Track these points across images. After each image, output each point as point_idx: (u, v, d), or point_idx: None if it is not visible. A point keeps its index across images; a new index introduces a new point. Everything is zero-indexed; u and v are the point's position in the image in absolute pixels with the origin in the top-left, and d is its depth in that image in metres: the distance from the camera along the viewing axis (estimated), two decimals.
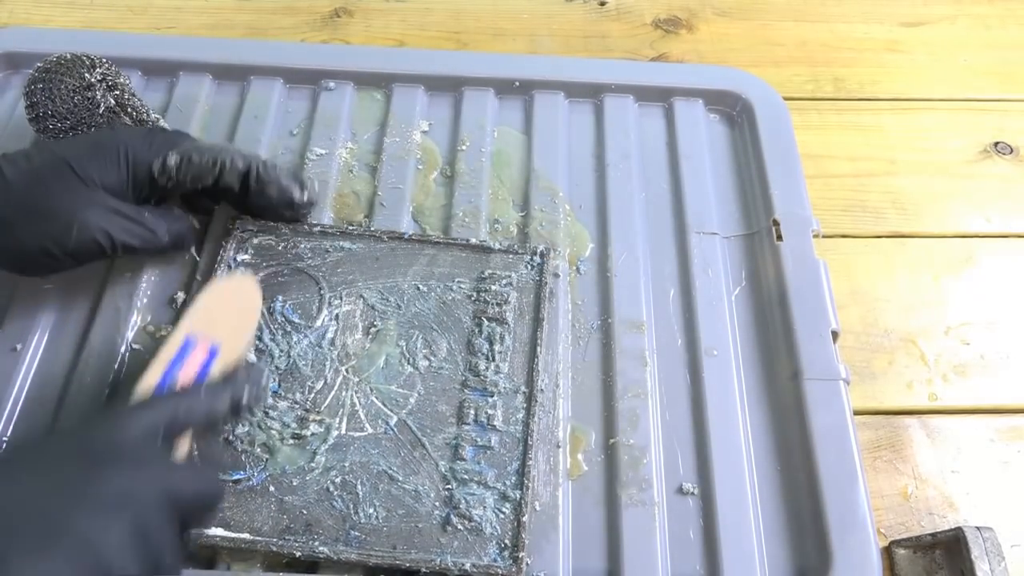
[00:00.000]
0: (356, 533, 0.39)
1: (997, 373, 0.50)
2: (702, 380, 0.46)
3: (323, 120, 0.55)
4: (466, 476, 0.41)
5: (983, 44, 0.68)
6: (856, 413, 0.47)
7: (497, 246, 0.48)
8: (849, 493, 0.41)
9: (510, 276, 0.47)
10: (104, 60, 0.49)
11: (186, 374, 0.39)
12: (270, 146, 0.54)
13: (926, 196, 0.58)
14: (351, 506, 0.40)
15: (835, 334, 0.46)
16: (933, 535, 0.42)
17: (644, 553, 0.40)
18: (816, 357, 0.45)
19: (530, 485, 0.41)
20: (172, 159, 0.43)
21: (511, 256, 0.48)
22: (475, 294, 0.47)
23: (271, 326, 0.45)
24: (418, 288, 0.47)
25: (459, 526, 0.40)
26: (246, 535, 0.39)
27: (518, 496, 0.41)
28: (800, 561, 0.41)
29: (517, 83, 0.57)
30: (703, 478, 0.43)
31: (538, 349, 0.45)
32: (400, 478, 0.41)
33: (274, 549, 0.38)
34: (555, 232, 0.51)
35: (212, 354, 0.40)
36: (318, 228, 0.48)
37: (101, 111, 0.48)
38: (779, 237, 0.50)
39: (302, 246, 0.48)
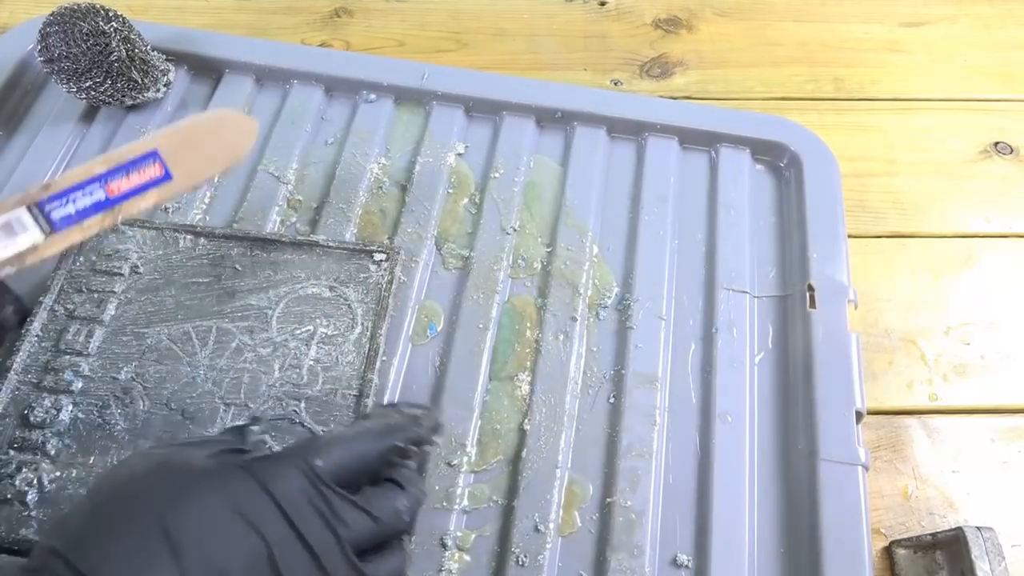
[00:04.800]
0: None
1: (997, 373, 0.50)
2: (712, 446, 0.43)
3: (359, 132, 0.55)
4: None
5: (983, 44, 0.67)
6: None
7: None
8: None
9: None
10: (120, 14, 0.51)
11: (127, 182, 0.38)
12: (302, 154, 0.54)
13: (926, 196, 0.57)
14: None
15: (859, 414, 0.44)
16: (933, 535, 0.42)
17: None
18: (836, 437, 0.43)
19: None
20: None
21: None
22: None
23: None
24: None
25: None
26: None
27: None
28: None
29: (559, 113, 0.55)
30: (700, 551, 0.41)
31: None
32: None
33: None
34: (578, 272, 0.49)
35: (162, 180, 0.39)
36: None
37: (113, 59, 0.50)
38: (812, 304, 0.47)
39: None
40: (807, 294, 0.48)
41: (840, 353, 0.45)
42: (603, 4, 0.68)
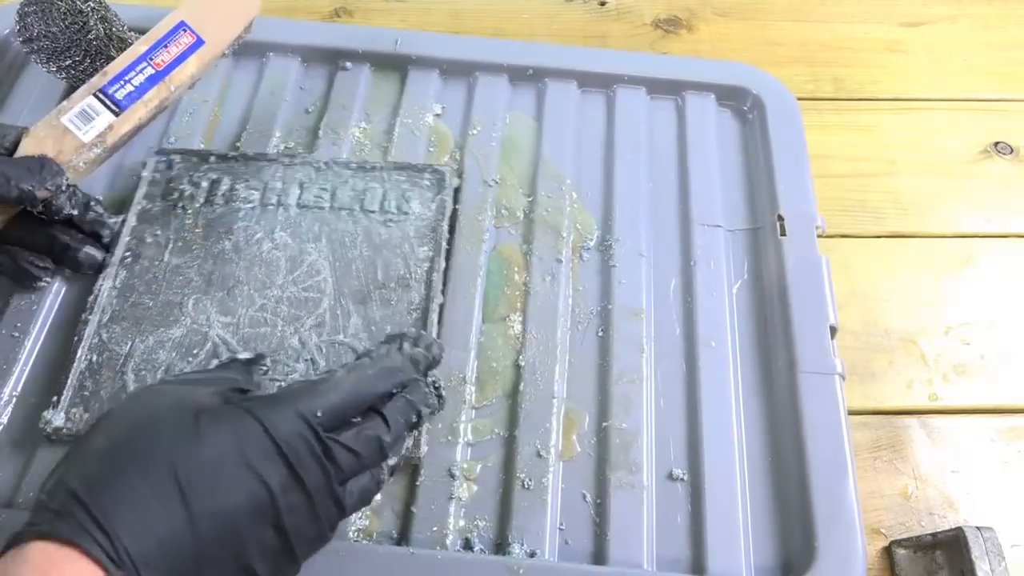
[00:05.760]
0: None
1: (997, 373, 0.50)
2: (698, 369, 0.46)
3: (338, 100, 0.56)
4: None
5: (983, 44, 0.68)
6: (856, 413, 0.48)
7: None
8: (838, 487, 0.41)
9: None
10: None
11: (168, 54, 0.45)
12: (285, 123, 0.55)
13: (926, 196, 0.58)
14: None
15: (833, 329, 0.46)
16: (933, 535, 0.42)
17: (630, 535, 0.41)
18: (812, 351, 0.45)
19: None
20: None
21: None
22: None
23: None
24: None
25: None
26: None
27: None
28: (785, 551, 0.41)
29: (531, 71, 0.58)
30: (693, 465, 0.43)
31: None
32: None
33: None
34: (560, 218, 0.51)
35: (197, 45, 0.46)
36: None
37: (91, 37, 0.51)
38: (783, 232, 0.50)
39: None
40: (777, 224, 0.50)
41: (812, 275, 0.48)
42: (603, 4, 0.69)
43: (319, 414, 0.33)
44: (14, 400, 0.43)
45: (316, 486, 0.32)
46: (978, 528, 0.40)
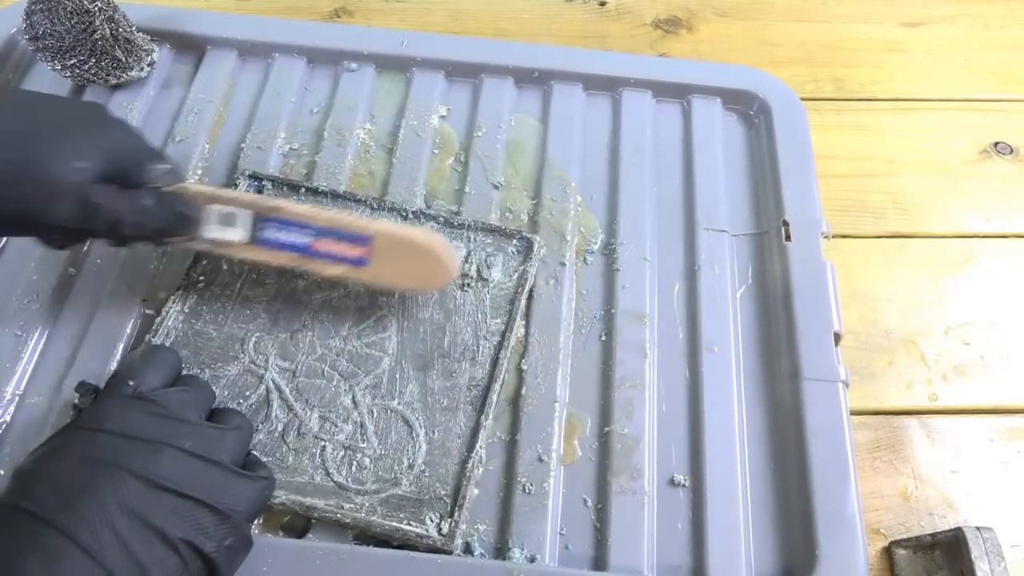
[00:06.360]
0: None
1: (997, 373, 0.50)
2: (701, 375, 0.46)
3: (343, 101, 0.56)
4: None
5: (983, 44, 0.68)
6: (856, 413, 0.48)
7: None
8: (840, 494, 0.41)
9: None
10: None
11: (332, 246, 0.43)
12: (290, 124, 0.55)
13: (926, 196, 0.58)
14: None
15: (837, 336, 0.46)
16: (933, 535, 0.42)
17: (631, 541, 0.41)
18: (816, 358, 0.45)
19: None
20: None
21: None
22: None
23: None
24: None
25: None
26: None
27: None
28: (787, 559, 0.41)
29: (536, 73, 0.57)
30: (695, 471, 0.43)
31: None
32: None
33: None
34: (564, 221, 0.51)
35: (360, 263, 0.43)
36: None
37: (96, 37, 0.51)
38: (788, 237, 0.50)
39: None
40: (782, 229, 0.50)
41: (817, 280, 0.48)
42: (603, 4, 0.69)
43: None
44: (16, 399, 0.44)
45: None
46: (978, 528, 0.40)
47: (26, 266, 0.48)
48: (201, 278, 0.47)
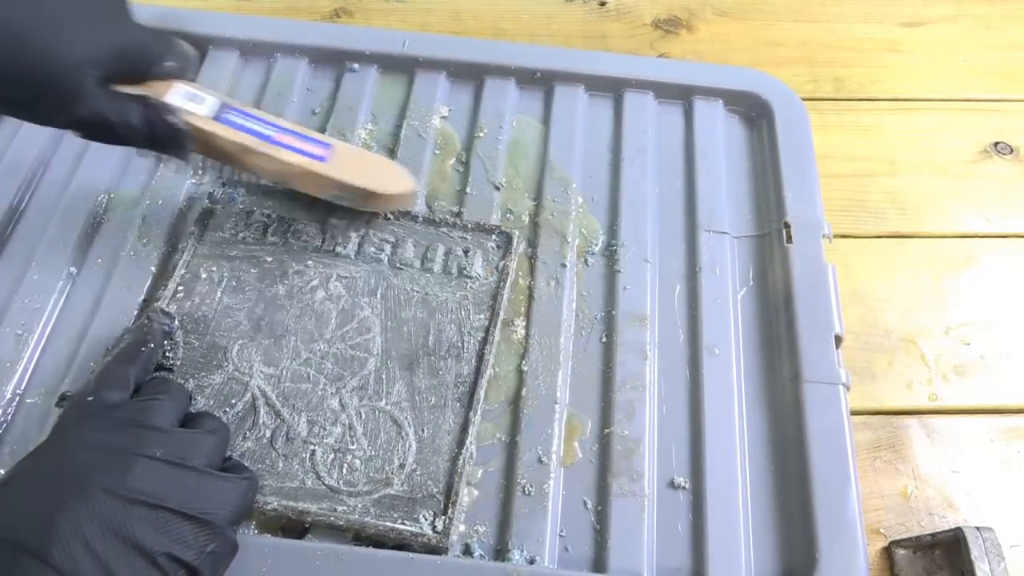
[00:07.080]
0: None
1: (997, 373, 0.50)
2: (701, 377, 0.46)
3: (345, 101, 0.56)
4: None
5: (983, 44, 0.68)
6: (856, 413, 0.48)
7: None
8: (840, 497, 0.41)
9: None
10: None
11: (291, 139, 0.46)
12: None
13: (926, 196, 0.58)
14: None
15: (838, 338, 0.46)
16: (933, 535, 0.42)
17: (631, 543, 0.41)
18: (817, 360, 0.45)
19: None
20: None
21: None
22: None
23: None
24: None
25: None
26: None
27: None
28: (787, 561, 0.41)
29: (538, 74, 0.57)
30: (695, 473, 0.43)
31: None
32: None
33: None
34: (565, 222, 0.51)
35: (318, 158, 0.46)
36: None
37: None
38: (789, 239, 0.50)
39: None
40: (784, 231, 0.50)
41: (818, 283, 0.48)
42: (603, 4, 0.69)
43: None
44: (17, 399, 0.44)
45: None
46: (978, 528, 0.40)
47: (27, 266, 0.48)
48: (180, 288, 0.46)
